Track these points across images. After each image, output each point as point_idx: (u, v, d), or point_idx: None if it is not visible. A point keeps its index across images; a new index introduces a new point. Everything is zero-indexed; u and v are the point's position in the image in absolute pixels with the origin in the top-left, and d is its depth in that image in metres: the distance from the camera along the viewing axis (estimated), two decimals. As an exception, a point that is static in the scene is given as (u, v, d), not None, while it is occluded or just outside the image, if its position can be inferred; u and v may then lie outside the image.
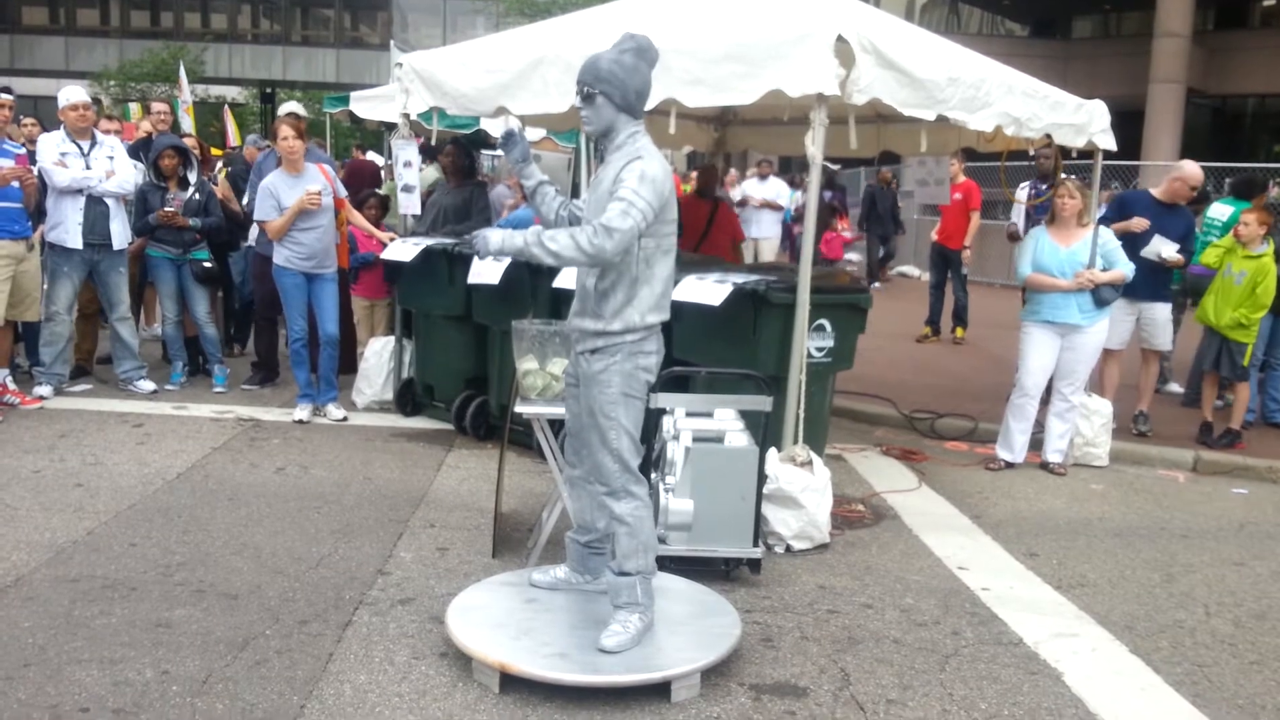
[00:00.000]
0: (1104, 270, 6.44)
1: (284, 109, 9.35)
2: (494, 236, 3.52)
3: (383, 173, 12.63)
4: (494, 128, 10.36)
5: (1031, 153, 7.96)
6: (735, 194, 14.79)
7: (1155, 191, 7.71)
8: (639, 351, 3.68)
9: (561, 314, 5.57)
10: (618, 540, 3.76)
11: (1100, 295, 6.42)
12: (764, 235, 14.49)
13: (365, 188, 9.42)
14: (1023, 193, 9.06)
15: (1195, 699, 3.76)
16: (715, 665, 3.68)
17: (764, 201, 15.03)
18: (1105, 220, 7.46)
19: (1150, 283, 7.23)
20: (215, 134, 18.83)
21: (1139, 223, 7.24)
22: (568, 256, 3.47)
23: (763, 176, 15.43)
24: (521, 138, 3.98)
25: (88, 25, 42.22)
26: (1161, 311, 7.49)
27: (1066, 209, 6.55)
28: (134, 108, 16.91)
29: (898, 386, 8.58)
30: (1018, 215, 9.25)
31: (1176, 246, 7.28)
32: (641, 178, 3.49)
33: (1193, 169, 7.62)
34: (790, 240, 16.80)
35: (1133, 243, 6.98)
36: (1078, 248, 6.48)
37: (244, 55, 41.80)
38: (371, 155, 16.04)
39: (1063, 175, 7.02)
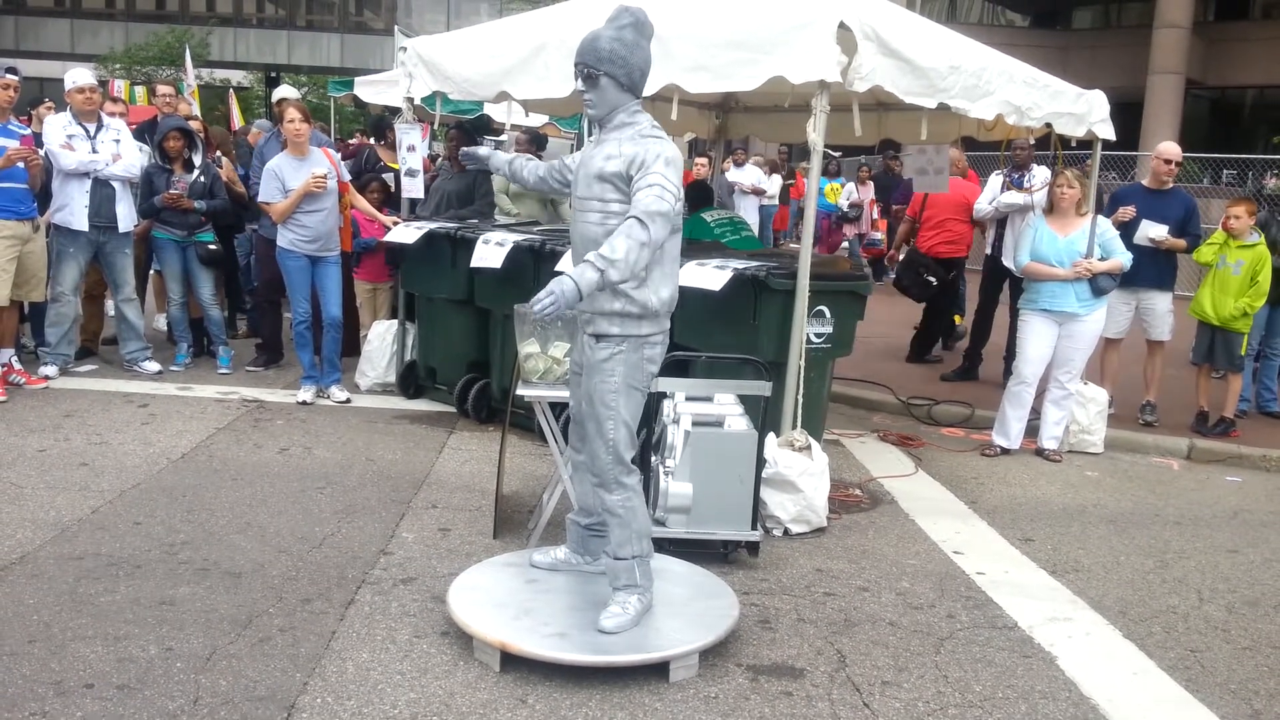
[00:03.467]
0: (1102, 259, 6.47)
1: (278, 93, 9.39)
2: (568, 285, 3.26)
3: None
4: (497, 113, 10.39)
5: (1032, 139, 7.95)
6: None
7: (1145, 181, 7.74)
8: (646, 343, 3.67)
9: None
10: (610, 529, 3.79)
11: (1098, 284, 6.44)
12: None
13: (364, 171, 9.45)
14: (997, 179, 9.00)
15: (1188, 684, 3.80)
16: (713, 646, 3.72)
17: (754, 187, 15.10)
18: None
19: (1149, 271, 7.23)
20: (220, 117, 18.84)
21: (1124, 211, 7.24)
22: (634, 257, 3.32)
23: (739, 163, 15.47)
24: (472, 152, 4.11)
25: (93, 8, 42.10)
26: (1161, 301, 7.42)
27: (1065, 198, 6.57)
28: (139, 91, 16.90)
29: (895, 373, 8.62)
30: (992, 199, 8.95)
31: (1165, 228, 7.24)
32: (666, 162, 3.44)
33: (1164, 145, 7.67)
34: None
35: (1126, 234, 6.99)
36: (1076, 237, 6.51)
37: (249, 39, 41.71)
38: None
39: (1062, 165, 7.04)
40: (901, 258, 9.78)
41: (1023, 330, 6.68)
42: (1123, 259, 6.52)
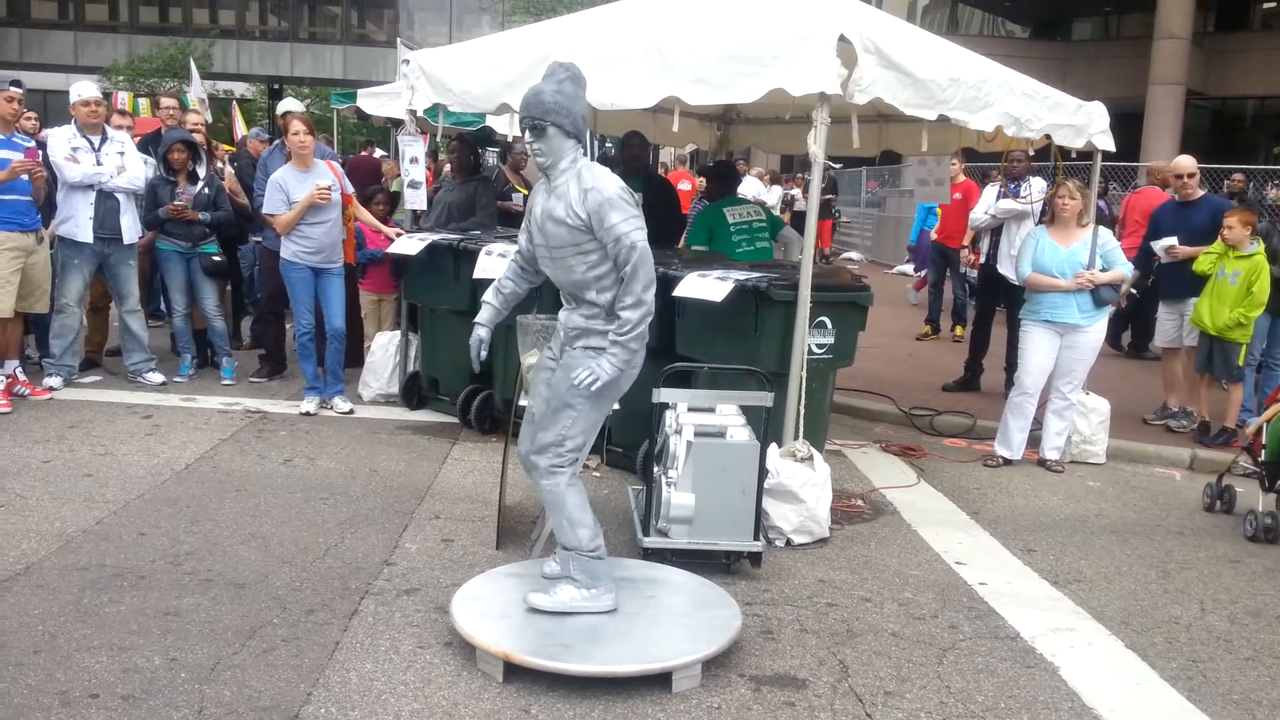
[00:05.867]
0: (1103, 270, 6.49)
1: (282, 106, 9.43)
2: (607, 370, 3.65)
3: (385, 167, 12.65)
4: (499, 125, 10.45)
5: (1030, 151, 7.99)
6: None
7: (1176, 195, 7.86)
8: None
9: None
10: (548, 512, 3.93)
11: (1100, 295, 6.46)
12: None
13: (367, 183, 9.50)
14: (993, 190, 9.04)
15: (1190, 694, 3.80)
16: (716, 656, 3.73)
17: (754, 199, 15.12)
18: (1145, 238, 7.66)
19: (1190, 282, 7.29)
20: (223, 129, 18.91)
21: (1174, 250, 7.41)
22: (647, 319, 3.66)
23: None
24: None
25: (96, 20, 42.30)
26: None
27: (1067, 210, 6.60)
28: (143, 103, 16.98)
29: (897, 384, 8.64)
30: (989, 208, 8.90)
31: (1173, 240, 7.40)
32: (615, 207, 3.60)
33: (1177, 159, 7.83)
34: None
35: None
36: (1077, 248, 6.53)
37: (251, 51, 41.87)
38: (378, 152, 16.12)
39: (1063, 176, 7.07)
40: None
41: (1024, 341, 6.69)
42: (1124, 269, 6.55)
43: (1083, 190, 6.70)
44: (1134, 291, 8.50)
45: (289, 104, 9.62)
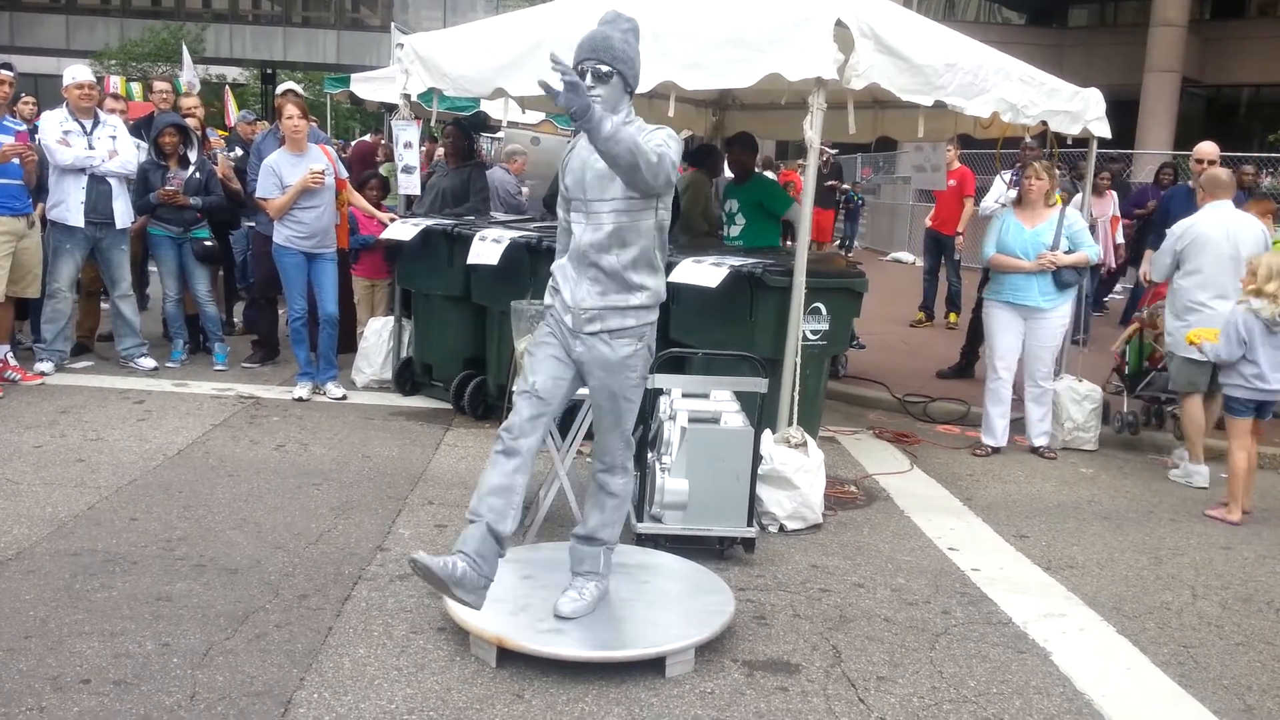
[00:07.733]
0: (1068, 253, 6.46)
1: (282, 87, 9.41)
2: (607, 124, 3.21)
3: (380, 152, 12.61)
4: (494, 110, 10.41)
5: (1028, 139, 7.98)
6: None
7: (1190, 182, 7.85)
8: (650, 335, 3.76)
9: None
10: (603, 510, 3.81)
11: (1062, 278, 6.43)
12: None
13: (365, 168, 9.47)
14: (1000, 180, 9.04)
15: (1181, 679, 3.82)
16: (709, 642, 3.73)
17: None
18: (1155, 224, 7.65)
19: None
20: (215, 114, 18.82)
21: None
22: (631, 145, 3.24)
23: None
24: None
25: (89, 4, 42.04)
26: None
27: (1033, 190, 6.56)
28: (135, 87, 16.90)
29: (891, 371, 8.64)
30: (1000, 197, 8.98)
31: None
32: (670, 136, 3.45)
33: (1199, 145, 7.81)
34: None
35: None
36: (1042, 229, 6.50)
37: (245, 36, 41.63)
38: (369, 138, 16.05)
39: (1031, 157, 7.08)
40: None
41: (989, 323, 6.70)
42: (1089, 252, 6.53)
43: (1049, 170, 6.67)
44: None
45: (287, 85, 9.58)
